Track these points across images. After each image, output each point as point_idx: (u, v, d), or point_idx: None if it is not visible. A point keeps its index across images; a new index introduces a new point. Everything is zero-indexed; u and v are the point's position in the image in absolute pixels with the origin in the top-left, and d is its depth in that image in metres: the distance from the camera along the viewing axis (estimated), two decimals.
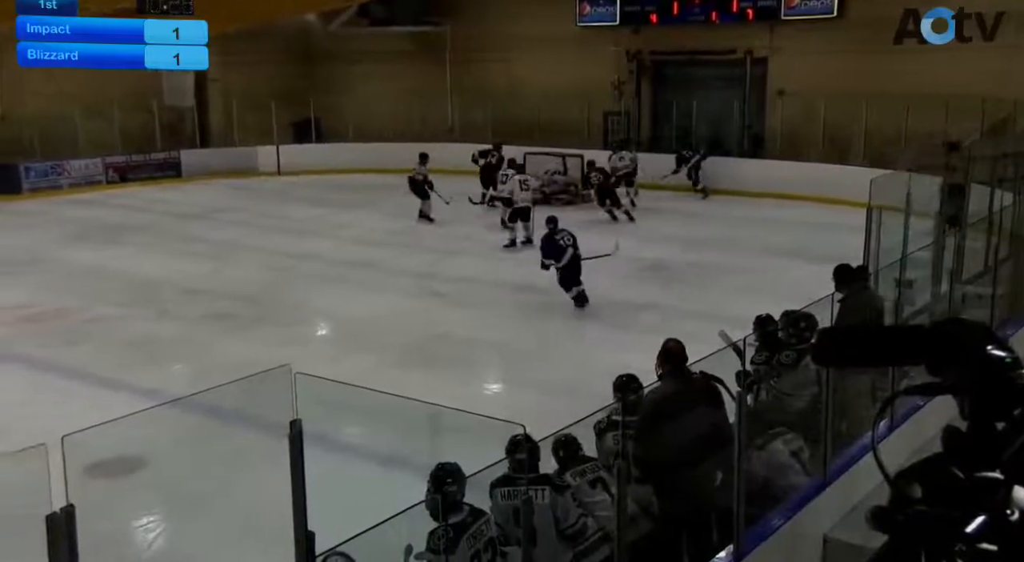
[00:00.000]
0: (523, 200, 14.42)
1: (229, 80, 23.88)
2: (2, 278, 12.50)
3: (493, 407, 6.23)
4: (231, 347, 9.28)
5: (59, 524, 2.78)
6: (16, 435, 6.56)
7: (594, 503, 4.15)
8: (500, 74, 22.95)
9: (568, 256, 10.56)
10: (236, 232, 15.66)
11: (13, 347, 9.35)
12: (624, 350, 8.28)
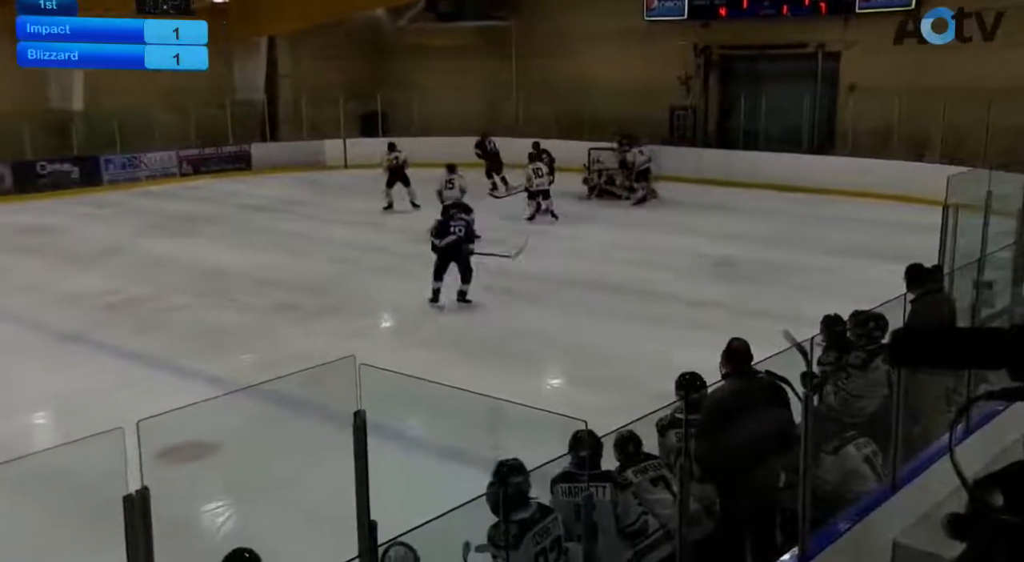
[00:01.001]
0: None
1: (299, 75, 24.35)
2: (83, 266, 12.97)
3: (555, 403, 6.24)
4: (298, 337, 9.46)
5: (135, 506, 2.87)
6: (94, 419, 6.78)
7: (656, 501, 4.12)
8: (566, 69, 22.89)
9: (448, 241, 10.48)
10: (304, 224, 15.95)
11: (92, 333, 9.69)
12: (687, 348, 8.17)
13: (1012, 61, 16.83)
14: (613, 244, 14.15)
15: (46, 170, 19.48)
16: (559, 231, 15.28)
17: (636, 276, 11.94)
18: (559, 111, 22.13)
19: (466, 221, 10.63)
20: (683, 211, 17.08)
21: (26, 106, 19.18)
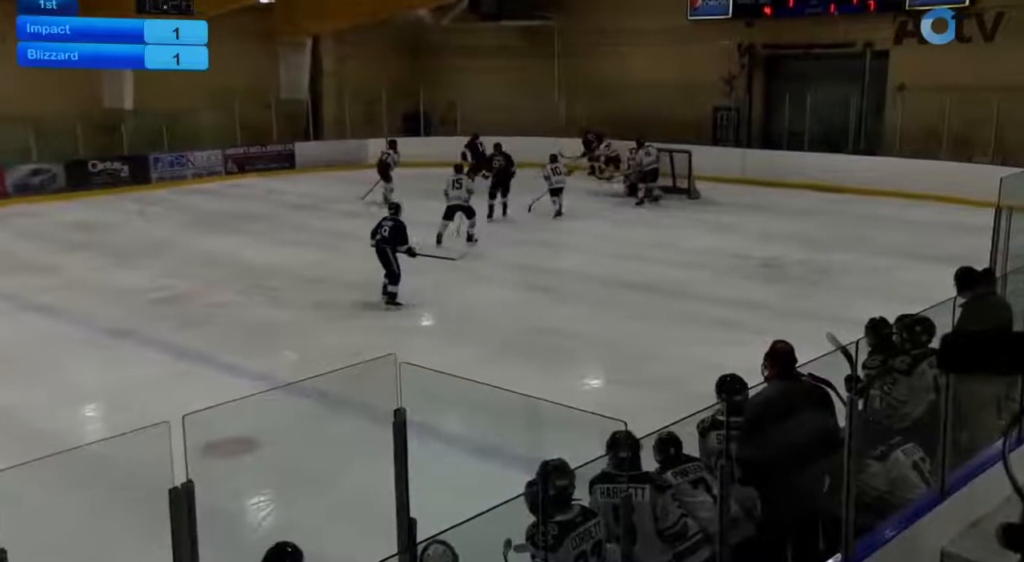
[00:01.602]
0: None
1: (343, 74, 24.57)
2: (131, 262, 13.23)
3: (594, 402, 6.20)
4: (339, 334, 9.55)
5: (180, 498, 2.92)
6: (141, 412, 6.95)
7: (696, 503, 4.08)
8: (608, 68, 22.80)
9: (373, 242, 10.72)
10: (346, 222, 16.06)
11: (140, 328, 9.87)
12: (729, 349, 8.10)
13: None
14: (654, 244, 14.07)
15: (97, 168, 19.93)
16: (597, 230, 15.25)
17: (677, 276, 11.86)
18: (601, 111, 22.05)
19: (394, 223, 10.75)
20: (725, 211, 16.91)
21: (79, 107, 19.64)
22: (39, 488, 4.76)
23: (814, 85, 20.36)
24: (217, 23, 20.92)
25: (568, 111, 23.75)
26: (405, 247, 10.68)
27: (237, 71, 22.14)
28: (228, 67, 21.94)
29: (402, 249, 10.65)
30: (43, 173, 19.06)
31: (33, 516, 3.46)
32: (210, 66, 21.84)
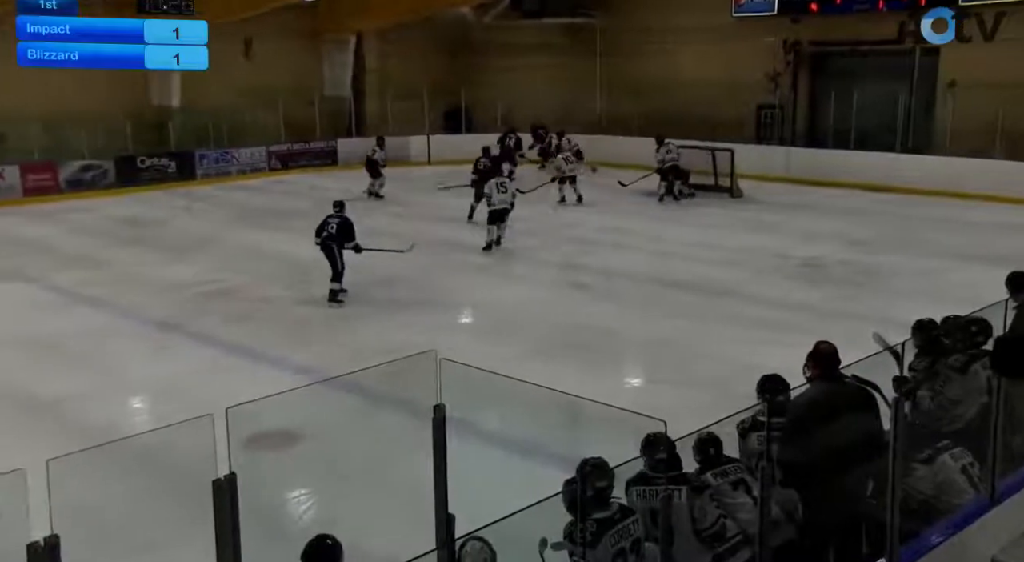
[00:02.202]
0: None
1: (385, 71, 24.74)
2: (178, 256, 13.47)
3: (633, 401, 6.17)
4: (379, 330, 9.62)
5: (223, 490, 2.96)
6: (186, 404, 7.06)
7: (735, 505, 4.04)
8: (651, 66, 22.66)
9: (319, 239, 10.75)
10: (388, 219, 16.19)
11: (186, 322, 10.04)
12: (770, 350, 8.01)
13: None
14: (694, 242, 13.95)
15: (146, 164, 20.33)
16: (637, 228, 15.16)
17: (718, 275, 11.75)
18: (643, 109, 21.92)
19: (340, 220, 10.77)
20: (767, 210, 16.72)
21: (129, 105, 20.06)
22: (89, 477, 4.86)
23: (861, 82, 20.02)
24: (261, 22, 21.25)
25: (610, 109, 23.65)
26: (352, 244, 10.73)
27: (281, 69, 22.45)
28: (272, 65, 22.29)
29: (349, 246, 10.70)
30: (94, 169, 19.49)
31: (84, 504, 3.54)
32: (255, 64, 22.25)
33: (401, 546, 3.66)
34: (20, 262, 13.18)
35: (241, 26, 21.21)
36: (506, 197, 13.54)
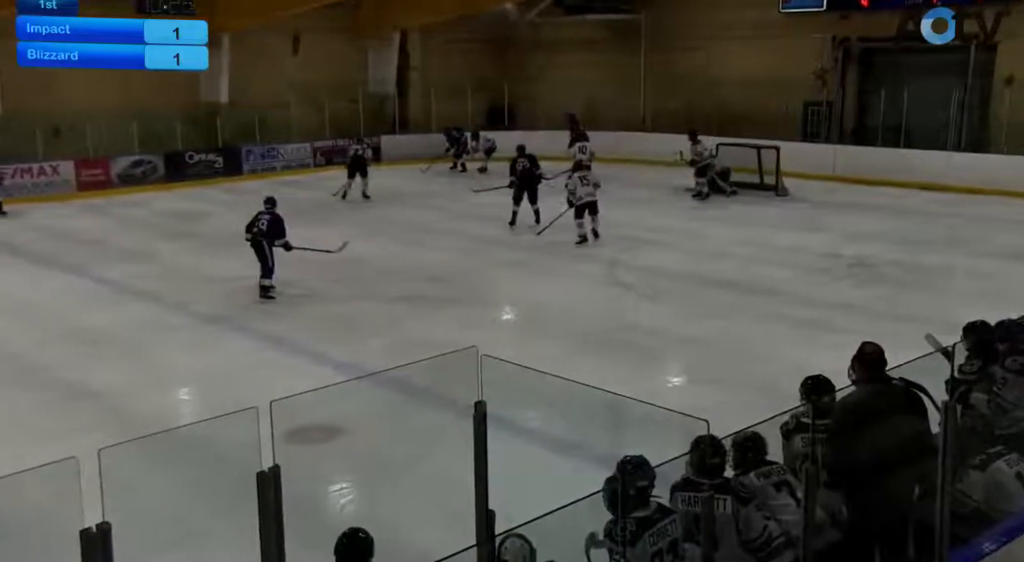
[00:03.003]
0: (589, 195, 14.75)
1: (429, 68, 24.86)
2: (223, 251, 13.66)
3: (676, 401, 6.14)
4: (421, 326, 9.65)
5: (267, 482, 3.01)
6: (231, 397, 7.17)
7: (778, 507, 3.98)
8: (696, 62, 22.46)
9: (249, 234, 10.62)
10: (430, 215, 16.28)
11: (230, 316, 10.20)
12: (816, 350, 7.89)
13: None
14: (739, 241, 13.80)
15: (194, 160, 20.69)
16: (681, 226, 15.04)
17: (763, 275, 11.61)
18: (687, 106, 21.73)
19: (271, 216, 10.69)
20: (814, 209, 16.48)
21: (178, 102, 20.43)
22: (137, 466, 4.96)
23: (913, 79, 19.61)
24: (306, 20, 21.50)
25: (653, 106, 23.49)
26: (282, 241, 10.67)
27: (326, 66, 22.69)
28: (318, 62, 22.55)
29: (279, 243, 10.64)
30: (144, 164, 19.88)
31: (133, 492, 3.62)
32: (301, 61, 22.52)
33: (440, 541, 3.67)
34: (73, 255, 13.51)
35: (290, 23, 21.47)
36: (590, 189, 13.58)
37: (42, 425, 7.07)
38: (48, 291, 11.50)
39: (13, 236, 14.94)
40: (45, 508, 3.89)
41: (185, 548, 5.20)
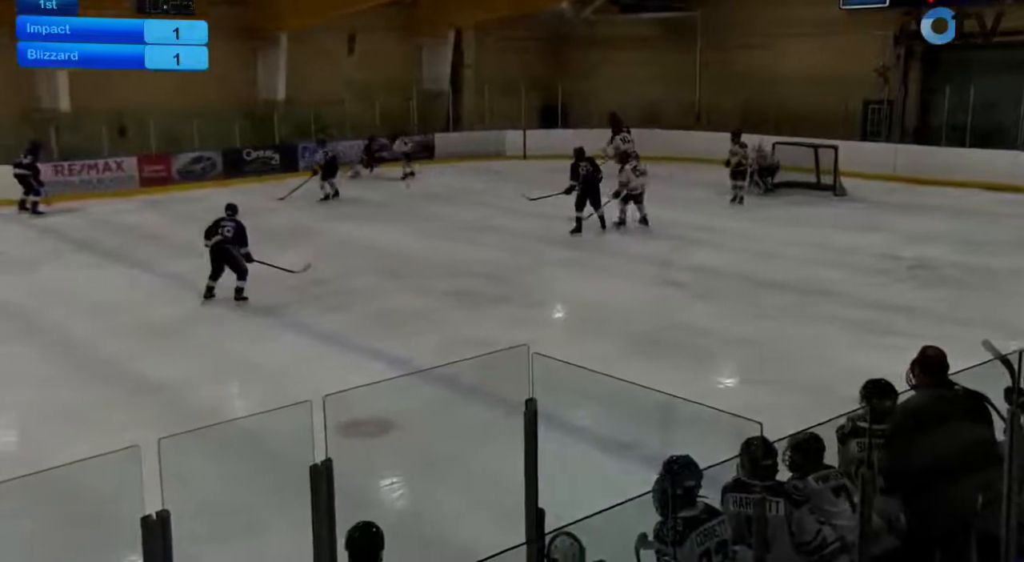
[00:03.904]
0: (637, 187, 14.67)
1: (483, 66, 24.94)
2: (278, 246, 13.88)
3: (728, 402, 6.06)
4: (470, 323, 9.70)
5: (320, 475, 3.05)
6: (283, 390, 7.29)
7: (835, 512, 3.91)
8: (752, 60, 22.16)
9: (214, 241, 10.32)
10: (481, 213, 16.33)
11: (282, 312, 10.36)
12: (873, 353, 7.75)
13: None
14: (795, 241, 13.59)
15: (251, 156, 21.07)
16: (734, 226, 14.85)
17: (819, 275, 11.41)
18: (743, 104, 21.44)
19: (235, 223, 10.40)
20: (873, 209, 16.14)
21: (239, 99, 20.85)
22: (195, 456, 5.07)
23: (979, 76, 19.06)
24: (362, 19, 21.76)
25: (708, 105, 23.23)
26: (245, 250, 10.37)
27: (381, 64, 22.93)
28: (373, 60, 22.80)
29: (242, 251, 10.35)
30: (204, 160, 20.30)
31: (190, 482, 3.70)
32: (357, 59, 22.80)
33: (489, 539, 3.69)
34: (136, 250, 13.86)
35: (346, 22, 21.74)
36: (644, 180, 14.26)
37: (106, 415, 7.27)
38: (113, 285, 11.82)
39: (80, 231, 15.39)
40: (108, 495, 4.01)
41: (240, 537, 5.30)
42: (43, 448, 6.69)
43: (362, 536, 3.40)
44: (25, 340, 9.42)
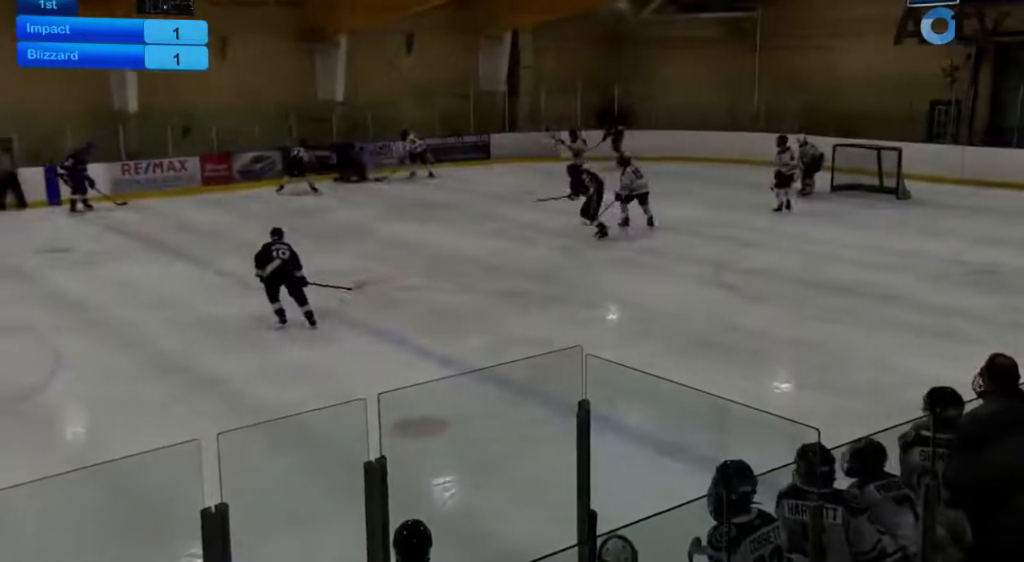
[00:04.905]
0: (640, 187, 14.60)
1: (541, 66, 24.93)
2: (333, 245, 14.09)
3: (783, 407, 5.97)
4: (524, 324, 9.69)
5: (374, 471, 3.08)
6: (337, 388, 7.39)
7: (896, 523, 3.82)
8: (814, 60, 21.77)
9: (273, 267, 9.68)
10: (535, 214, 16.31)
11: (337, 310, 10.47)
12: (935, 360, 7.55)
13: None
14: (855, 245, 13.30)
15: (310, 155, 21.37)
16: (794, 229, 14.60)
17: (880, 280, 11.16)
18: (804, 105, 21.06)
19: (288, 246, 9.88)
20: (938, 213, 15.72)
21: (299, 99, 21.19)
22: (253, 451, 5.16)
23: None
24: (420, 19, 21.93)
25: (767, 106, 22.88)
26: (300, 273, 9.80)
27: (439, 64, 23.09)
28: (431, 61, 22.98)
29: (297, 274, 9.77)
30: (263, 160, 20.67)
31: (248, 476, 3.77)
32: (414, 60, 23.01)
33: (541, 539, 3.69)
34: (198, 247, 14.17)
35: (405, 22, 21.94)
36: (644, 181, 14.31)
37: (167, 408, 7.45)
38: (175, 281, 12.11)
39: (144, 228, 15.79)
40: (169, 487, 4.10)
41: (294, 531, 5.38)
42: (106, 439, 6.89)
43: (411, 534, 3.43)
44: (90, 333, 9.69)
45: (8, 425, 7.28)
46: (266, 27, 20.68)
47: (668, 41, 24.10)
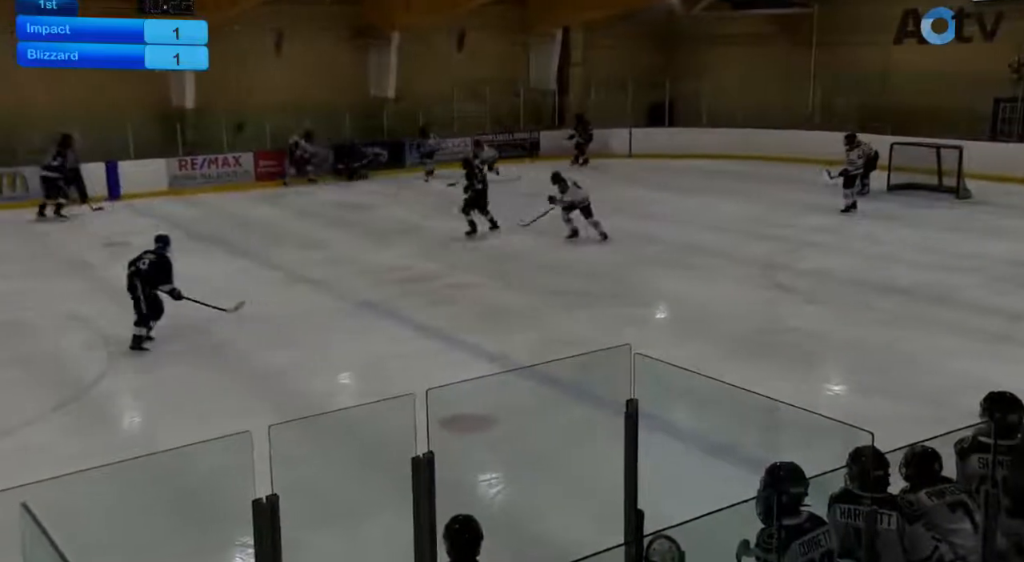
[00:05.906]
0: (582, 200, 13.84)
1: (591, 64, 24.84)
2: (385, 241, 14.22)
3: (837, 409, 5.85)
4: (571, 321, 9.67)
5: (422, 467, 3.10)
6: (386, 383, 7.46)
7: (953, 530, 3.72)
8: (870, 57, 21.30)
9: (127, 273, 9.01)
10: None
11: (390, 304, 10.57)
12: (998, 365, 7.35)
13: None
14: (913, 246, 13.01)
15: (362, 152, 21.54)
16: (849, 229, 14.34)
17: (939, 281, 10.89)
18: (860, 102, 20.63)
19: (157, 257, 9.05)
20: (1001, 213, 15.29)
21: (351, 96, 21.39)
22: (303, 443, 5.24)
23: None
24: (471, 17, 22.02)
25: (822, 103, 22.47)
26: (168, 287, 9.05)
27: (489, 61, 23.13)
28: (482, 58, 23.03)
29: (165, 289, 9.04)
30: (315, 156, 20.93)
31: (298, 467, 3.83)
32: (466, 57, 23.11)
33: (587, 537, 3.67)
34: (249, 241, 14.40)
35: (456, 20, 22.03)
36: (584, 193, 13.68)
37: (219, 400, 7.59)
38: (228, 275, 12.29)
39: (200, 223, 16.08)
40: (221, 477, 4.18)
41: (343, 524, 5.43)
42: (160, 430, 7.05)
43: (462, 528, 3.43)
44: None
45: (76, 413, 7.50)
46: (321, 24, 20.91)
47: (720, 38, 23.81)
